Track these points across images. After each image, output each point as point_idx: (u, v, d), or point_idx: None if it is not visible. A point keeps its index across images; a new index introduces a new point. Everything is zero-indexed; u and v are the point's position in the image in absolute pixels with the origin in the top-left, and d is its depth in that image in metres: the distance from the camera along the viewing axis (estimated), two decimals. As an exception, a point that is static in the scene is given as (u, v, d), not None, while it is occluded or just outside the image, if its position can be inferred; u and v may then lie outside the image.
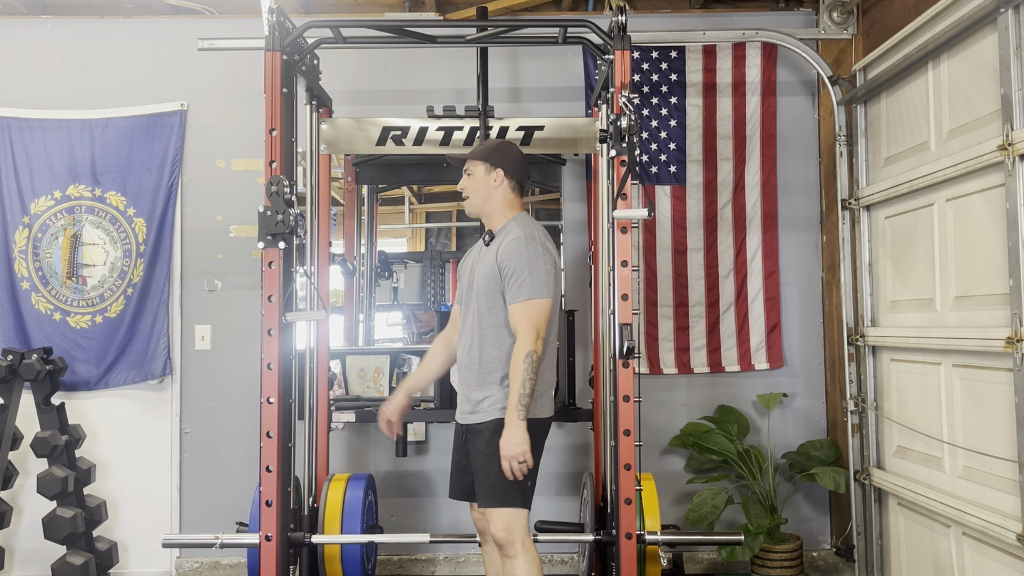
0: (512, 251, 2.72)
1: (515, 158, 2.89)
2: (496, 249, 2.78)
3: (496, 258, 2.76)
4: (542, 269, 2.71)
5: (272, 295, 2.93)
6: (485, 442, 2.72)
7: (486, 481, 2.71)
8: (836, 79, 3.90)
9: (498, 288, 2.75)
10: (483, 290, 2.78)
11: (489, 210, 2.88)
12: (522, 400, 2.61)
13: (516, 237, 2.74)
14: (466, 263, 2.99)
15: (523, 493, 2.69)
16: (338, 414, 3.80)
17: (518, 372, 2.63)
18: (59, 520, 3.64)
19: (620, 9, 2.98)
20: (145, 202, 4.22)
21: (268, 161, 3.00)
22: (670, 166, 4.27)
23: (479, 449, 2.74)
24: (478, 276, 2.82)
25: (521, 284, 2.69)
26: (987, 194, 2.84)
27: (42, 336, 4.16)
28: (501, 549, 2.69)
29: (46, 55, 4.29)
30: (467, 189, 2.90)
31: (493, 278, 2.76)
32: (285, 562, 2.96)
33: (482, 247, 2.91)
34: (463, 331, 2.88)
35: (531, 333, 2.65)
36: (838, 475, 3.80)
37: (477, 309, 2.80)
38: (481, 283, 2.79)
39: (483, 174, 2.87)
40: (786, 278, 4.31)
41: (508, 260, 2.72)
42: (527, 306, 2.68)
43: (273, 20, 3.01)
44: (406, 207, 5.00)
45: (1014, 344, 2.61)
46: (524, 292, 2.68)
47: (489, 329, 2.76)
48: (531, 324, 2.66)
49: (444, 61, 4.28)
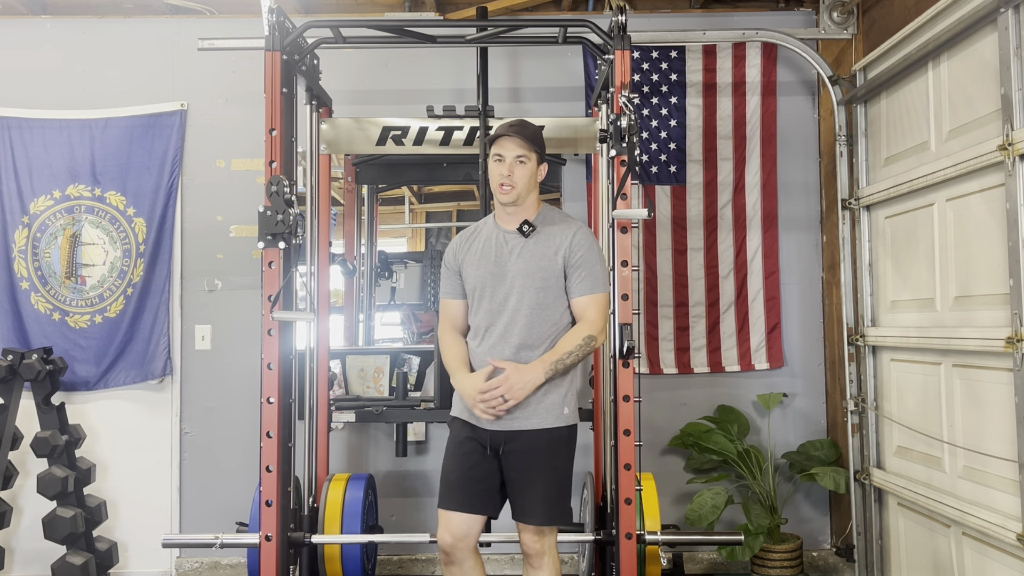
0: (586, 242, 2.66)
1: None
2: (555, 242, 2.66)
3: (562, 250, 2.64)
4: (604, 263, 2.73)
5: (272, 295, 2.93)
6: (543, 450, 2.58)
7: (543, 497, 2.57)
8: (836, 79, 3.90)
9: (560, 282, 2.65)
10: (539, 284, 2.63)
11: (529, 201, 2.73)
12: (557, 364, 2.55)
13: (581, 227, 2.70)
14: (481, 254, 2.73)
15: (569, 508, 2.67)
16: (338, 414, 3.79)
17: (572, 341, 2.57)
18: (59, 520, 3.64)
19: (620, 9, 2.98)
20: (145, 202, 4.22)
21: (268, 161, 3.00)
22: (670, 166, 4.27)
23: (533, 460, 2.57)
24: (527, 268, 2.65)
25: (596, 276, 2.64)
26: (987, 194, 2.84)
27: (41, 336, 4.16)
28: (531, 559, 2.63)
29: (46, 55, 4.29)
30: (518, 177, 2.65)
31: (554, 271, 2.64)
32: (285, 562, 2.96)
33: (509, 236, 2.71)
34: (496, 326, 2.64)
35: (601, 321, 2.63)
36: (838, 475, 3.80)
37: (530, 305, 2.62)
38: (537, 276, 2.63)
39: (535, 166, 2.70)
40: (786, 278, 4.31)
41: (582, 251, 2.64)
42: (602, 297, 2.65)
43: (273, 20, 3.01)
44: (406, 207, 5.00)
45: (1014, 344, 2.61)
46: (600, 284, 2.65)
47: (547, 327, 2.63)
48: (602, 315, 2.64)
49: (444, 61, 4.28)
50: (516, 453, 2.60)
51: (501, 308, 2.65)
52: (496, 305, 2.66)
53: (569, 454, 2.67)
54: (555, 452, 2.61)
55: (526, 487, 2.59)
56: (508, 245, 2.70)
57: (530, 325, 2.62)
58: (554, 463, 2.61)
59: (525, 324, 2.62)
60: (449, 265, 2.81)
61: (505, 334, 2.63)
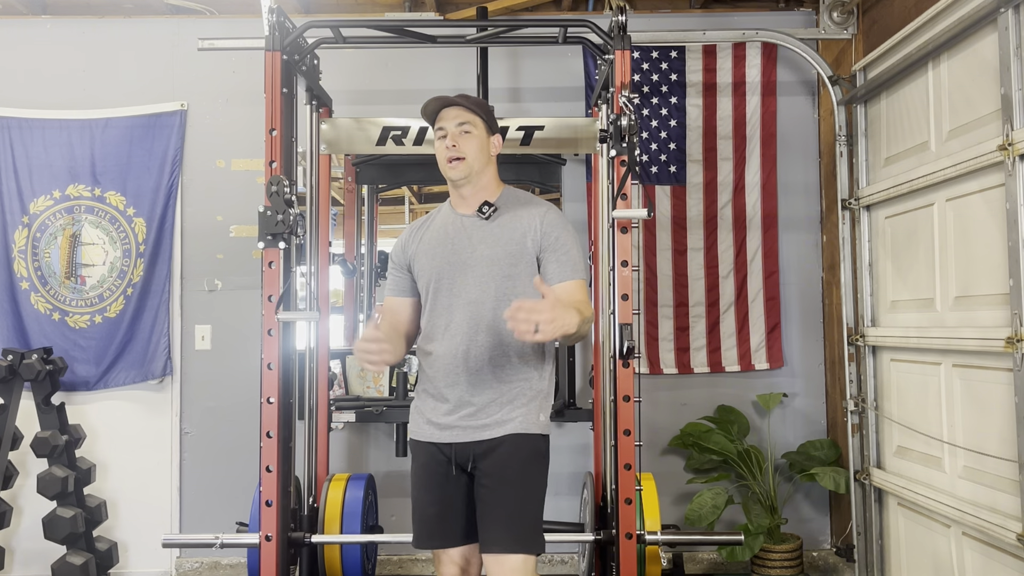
0: (559, 222, 2.34)
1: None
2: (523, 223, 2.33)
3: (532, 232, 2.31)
4: (581, 247, 2.39)
5: (272, 295, 2.93)
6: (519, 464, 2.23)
7: (512, 520, 2.20)
8: (836, 79, 3.90)
9: (530, 269, 2.31)
10: (505, 271, 2.30)
11: (486, 179, 2.40)
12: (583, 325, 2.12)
13: (550, 210, 2.37)
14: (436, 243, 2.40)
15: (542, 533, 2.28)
16: (338, 414, 3.79)
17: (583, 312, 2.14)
18: (59, 520, 3.64)
19: (620, 9, 2.98)
20: (145, 202, 4.22)
21: (268, 161, 3.00)
22: (670, 166, 4.27)
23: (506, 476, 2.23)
24: (490, 254, 2.32)
25: (574, 260, 2.31)
26: (987, 194, 2.84)
27: (41, 336, 4.16)
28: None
29: (46, 55, 4.29)
30: (465, 148, 2.33)
31: (523, 256, 2.31)
32: (285, 562, 2.96)
33: (470, 222, 2.38)
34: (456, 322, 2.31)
35: (591, 307, 2.28)
36: (838, 475, 3.80)
37: (496, 296, 2.29)
38: (503, 262, 2.31)
39: (485, 136, 2.38)
40: (786, 278, 4.31)
41: (555, 232, 2.31)
42: (580, 285, 2.29)
43: (273, 20, 3.01)
44: (406, 207, 5.00)
45: (1014, 344, 2.61)
46: (581, 270, 2.32)
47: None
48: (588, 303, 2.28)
49: (444, 61, 4.28)
50: (487, 468, 2.26)
51: (463, 302, 2.31)
52: (456, 299, 2.32)
53: (544, 470, 2.32)
54: (530, 466, 2.27)
55: (496, 507, 2.23)
56: (466, 231, 2.36)
57: (498, 319, 2.25)
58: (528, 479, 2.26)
59: (492, 318, 2.28)
60: (396, 260, 2.47)
61: (470, 331, 2.28)
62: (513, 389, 2.30)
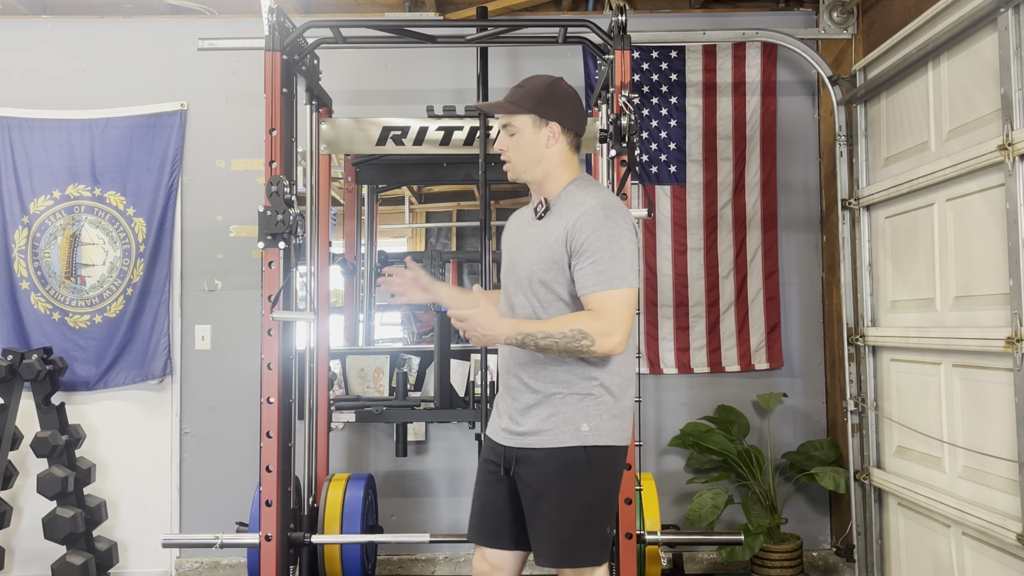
0: (589, 226, 2.09)
1: (573, 104, 2.27)
2: (562, 224, 2.15)
3: (565, 235, 2.12)
4: (626, 250, 2.09)
5: (272, 295, 2.93)
6: (551, 477, 2.10)
7: (552, 533, 2.10)
8: (836, 79, 3.90)
9: (562, 276, 2.14)
10: (538, 278, 2.16)
11: (541, 175, 2.23)
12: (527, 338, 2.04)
13: (591, 208, 2.11)
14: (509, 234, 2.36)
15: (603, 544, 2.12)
16: (338, 414, 3.79)
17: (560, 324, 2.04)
18: (59, 520, 3.64)
19: (620, 9, 2.98)
20: (145, 202, 4.22)
21: (268, 161, 3.00)
22: (670, 166, 4.27)
23: (537, 487, 2.12)
24: (528, 259, 2.19)
25: (600, 269, 2.06)
26: (987, 194, 2.84)
27: (41, 336, 4.16)
28: None
29: (46, 55, 4.29)
30: (510, 151, 2.23)
31: (555, 263, 2.13)
32: (285, 562, 2.96)
33: (530, 219, 2.29)
34: None
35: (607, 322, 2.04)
36: (838, 475, 3.80)
37: (532, 305, 2.18)
38: (537, 269, 2.16)
39: (532, 131, 2.21)
40: (786, 278, 4.31)
41: (583, 236, 2.08)
42: (607, 297, 2.06)
43: (273, 20, 3.01)
44: (406, 207, 5.00)
45: (1014, 344, 2.61)
46: (604, 278, 2.06)
47: None
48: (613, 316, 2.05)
49: (444, 61, 4.28)
50: (524, 478, 2.15)
51: (509, 305, 2.25)
52: (507, 299, 2.27)
53: (592, 483, 2.12)
54: (570, 480, 2.10)
55: (535, 520, 2.14)
56: (524, 230, 2.28)
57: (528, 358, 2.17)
58: (569, 494, 2.10)
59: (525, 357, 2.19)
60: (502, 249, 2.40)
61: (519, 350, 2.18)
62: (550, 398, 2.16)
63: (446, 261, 4.96)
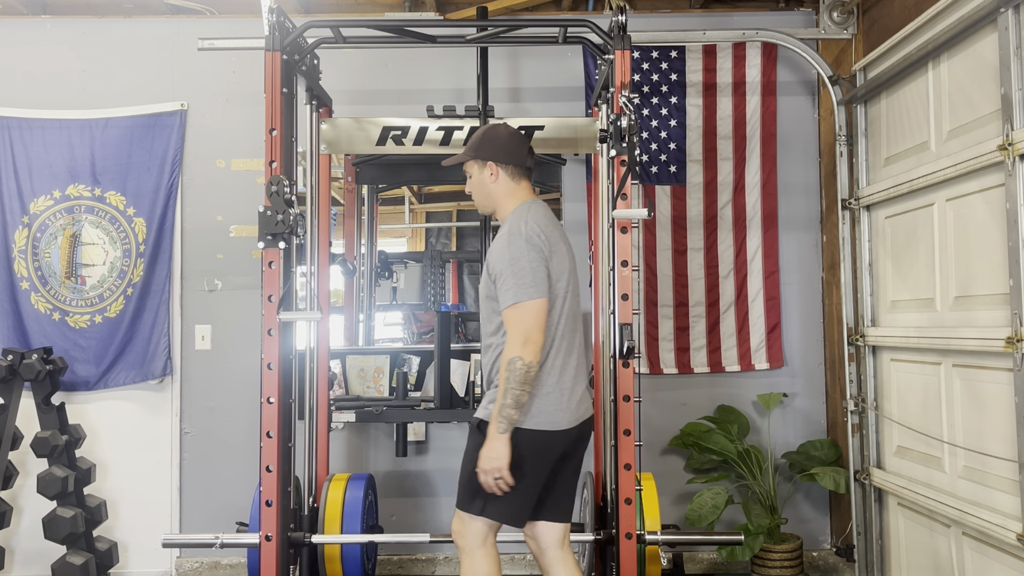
0: (495, 252, 2.52)
1: (503, 142, 2.65)
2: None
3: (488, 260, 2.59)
4: (527, 268, 2.46)
5: (272, 295, 2.93)
6: (468, 438, 2.64)
7: (460, 478, 2.59)
8: (836, 79, 3.90)
9: (493, 292, 2.55)
10: (483, 293, 2.61)
11: (492, 207, 2.68)
12: (503, 411, 2.39)
13: (499, 236, 2.56)
14: None
15: (484, 502, 2.50)
16: (338, 414, 3.80)
17: (501, 380, 2.42)
18: (59, 520, 3.64)
19: (620, 9, 2.98)
20: (145, 202, 4.22)
21: (268, 161, 3.00)
22: (670, 166, 4.27)
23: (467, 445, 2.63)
24: (483, 278, 2.63)
25: (507, 288, 2.45)
26: (987, 194, 2.84)
27: (41, 336, 4.16)
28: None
29: (46, 55, 4.29)
30: (471, 192, 2.72)
31: (486, 282, 2.58)
32: (285, 562, 2.96)
33: None
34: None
35: (517, 338, 2.41)
36: (838, 475, 3.80)
37: (482, 316, 2.64)
38: (486, 285, 2.59)
39: (478, 172, 2.67)
40: (786, 278, 4.31)
41: (494, 262, 2.52)
42: (514, 311, 2.44)
43: (273, 20, 3.01)
44: (406, 207, 5.00)
45: (1014, 344, 2.61)
46: (510, 295, 2.45)
47: (488, 336, 2.61)
48: (517, 329, 2.42)
49: (444, 61, 4.28)
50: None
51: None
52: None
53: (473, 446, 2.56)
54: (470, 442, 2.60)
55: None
56: None
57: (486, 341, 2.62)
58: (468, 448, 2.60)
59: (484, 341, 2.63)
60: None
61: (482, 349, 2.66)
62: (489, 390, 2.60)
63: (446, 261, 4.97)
